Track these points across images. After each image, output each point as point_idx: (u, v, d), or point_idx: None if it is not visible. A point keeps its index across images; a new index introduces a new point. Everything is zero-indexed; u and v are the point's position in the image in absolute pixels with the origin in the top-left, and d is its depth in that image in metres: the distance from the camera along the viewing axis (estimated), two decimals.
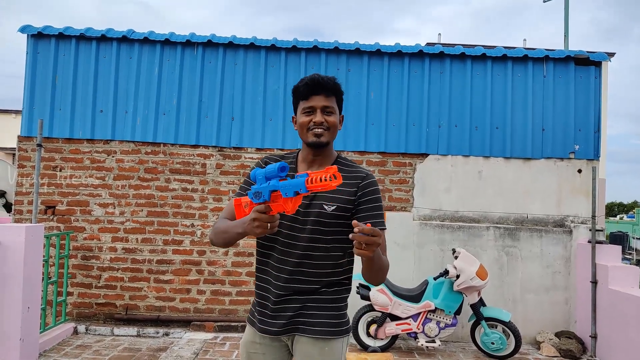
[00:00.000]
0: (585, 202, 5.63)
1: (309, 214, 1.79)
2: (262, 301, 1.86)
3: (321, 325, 1.79)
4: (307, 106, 1.81)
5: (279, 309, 1.81)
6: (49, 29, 5.60)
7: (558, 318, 5.45)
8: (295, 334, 1.81)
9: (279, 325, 1.80)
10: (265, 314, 1.83)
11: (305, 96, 1.82)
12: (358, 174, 1.85)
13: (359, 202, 1.80)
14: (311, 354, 1.79)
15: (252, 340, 1.88)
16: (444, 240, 5.50)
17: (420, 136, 5.69)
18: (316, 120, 1.79)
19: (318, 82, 1.80)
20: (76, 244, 5.54)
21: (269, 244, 1.85)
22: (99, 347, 4.78)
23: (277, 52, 5.71)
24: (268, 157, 1.98)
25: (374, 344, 4.86)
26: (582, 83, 5.75)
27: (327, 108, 1.81)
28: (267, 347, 1.85)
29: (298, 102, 1.87)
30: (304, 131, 1.83)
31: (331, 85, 1.82)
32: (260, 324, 1.84)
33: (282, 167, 1.53)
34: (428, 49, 5.70)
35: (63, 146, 5.62)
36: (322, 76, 1.82)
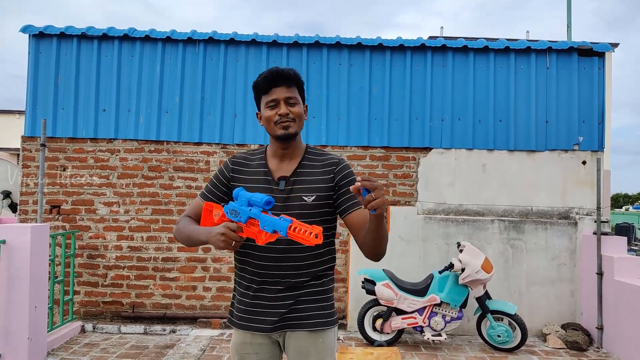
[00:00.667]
0: (590, 193, 5.61)
1: (289, 207, 1.76)
2: (248, 300, 1.81)
3: (314, 317, 1.78)
4: (270, 99, 1.78)
5: (269, 306, 1.78)
6: (50, 29, 5.60)
7: (564, 310, 5.45)
8: (288, 330, 1.79)
9: (271, 322, 1.77)
10: (254, 312, 1.79)
11: (266, 90, 1.79)
12: (331, 160, 1.85)
13: (338, 187, 1.80)
14: (306, 348, 1.78)
15: (242, 341, 1.83)
16: (449, 233, 5.49)
17: (424, 130, 5.68)
18: (281, 112, 1.76)
19: (278, 74, 1.77)
20: (82, 243, 5.56)
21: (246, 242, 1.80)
22: (106, 345, 4.80)
23: (278, 48, 5.70)
24: (236, 157, 1.94)
25: (380, 338, 4.87)
26: (585, 74, 5.72)
27: (290, 99, 1.79)
28: (259, 346, 1.82)
29: (260, 97, 1.84)
30: (270, 125, 1.80)
31: (292, 75, 1.79)
32: (249, 322, 1.80)
33: (268, 202, 1.55)
34: (430, 43, 5.68)
35: (67, 145, 5.63)
36: (281, 68, 1.80)
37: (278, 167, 1.85)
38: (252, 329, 1.80)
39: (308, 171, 1.83)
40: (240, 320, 1.82)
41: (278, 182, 1.81)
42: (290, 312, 1.78)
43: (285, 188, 1.79)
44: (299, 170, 1.83)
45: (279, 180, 1.81)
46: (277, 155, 1.85)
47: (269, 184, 1.81)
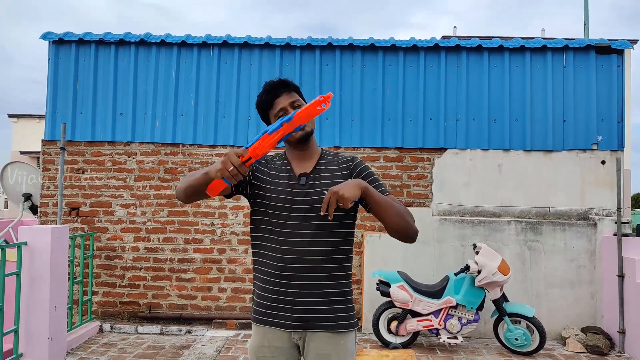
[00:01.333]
0: (610, 194, 5.50)
1: (310, 202, 1.80)
2: (269, 294, 1.81)
3: (336, 319, 1.79)
4: (277, 111, 1.84)
5: (291, 302, 1.77)
6: (69, 35, 5.73)
7: (584, 313, 5.34)
8: (309, 330, 1.79)
9: (292, 318, 1.77)
10: (275, 307, 1.79)
11: (270, 104, 1.86)
12: (346, 158, 1.93)
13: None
14: (326, 350, 1.77)
15: (260, 344, 1.82)
16: (465, 235, 5.44)
17: (438, 130, 5.64)
18: None
19: (274, 86, 1.85)
20: (100, 244, 5.66)
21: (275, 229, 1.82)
22: (124, 345, 4.87)
23: (291, 50, 5.73)
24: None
25: (395, 340, 4.84)
26: (603, 72, 5.61)
27: (295, 102, 1.85)
28: (277, 350, 1.81)
29: (266, 114, 1.90)
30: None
31: (286, 82, 1.87)
32: (269, 317, 1.80)
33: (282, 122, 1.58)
34: (444, 42, 5.65)
35: (85, 149, 5.74)
36: (274, 80, 1.89)
37: (298, 166, 1.90)
38: (272, 324, 1.79)
39: (326, 168, 1.90)
40: (260, 315, 1.82)
41: (299, 178, 1.86)
42: (313, 311, 1.77)
43: (306, 183, 1.84)
44: (318, 168, 1.89)
45: (299, 177, 1.86)
46: (296, 157, 1.91)
47: (291, 180, 1.86)
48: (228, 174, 1.50)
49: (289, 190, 1.83)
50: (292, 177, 1.86)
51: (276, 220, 1.82)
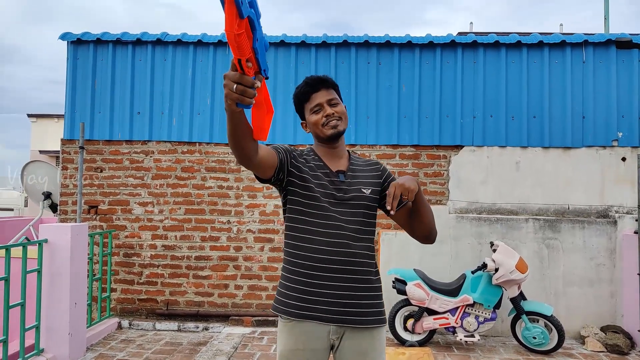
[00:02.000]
0: (631, 191, 5.41)
1: (351, 198, 1.84)
2: (308, 288, 1.76)
3: (374, 314, 1.80)
4: (313, 105, 1.86)
5: (330, 294, 1.74)
6: (87, 35, 5.79)
7: (603, 312, 5.27)
8: (348, 326, 1.76)
9: (333, 312, 1.74)
10: (316, 301, 1.75)
11: (307, 97, 1.88)
12: (372, 161, 2.02)
13: (385, 185, 1.93)
14: (364, 347, 1.77)
15: (294, 347, 1.75)
16: (482, 233, 5.39)
17: (455, 128, 5.60)
18: (327, 112, 1.85)
19: (315, 81, 1.87)
20: (118, 242, 5.73)
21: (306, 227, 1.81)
22: (142, 342, 4.93)
23: (307, 48, 5.73)
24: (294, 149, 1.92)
25: (411, 338, 4.83)
26: (624, 67, 5.51)
27: (332, 100, 1.87)
28: (311, 352, 1.75)
29: (302, 106, 1.92)
30: (319, 128, 1.86)
31: (328, 79, 1.89)
32: (307, 310, 1.74)
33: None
34: (460, 39, 5.59)
35: (103, 148, 5.81)
36: (315, 75, 1.91)
37: (331, 163, 1.92)
38: (310, 317, 1.74)
39: (359, 168, 1.95)
40: (295, 308, 1.75)
41: (338, 175, 1.88)
42: (354, 305, 1.76)
43: (346, 180, 1.87)
44: (352, 167, 1.94)
45: (337, 173, 1.89)
46: (327, 155, 1.92)
47: (329, 176, 1.87)
48: (237, 96, 1.23)
49: (329, 185, 1.84)
50: (330, 173, 1.87)
51: (319, 212, 1.80)
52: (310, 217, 1.81)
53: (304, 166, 1.85)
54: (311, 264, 1.77)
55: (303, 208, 1.82)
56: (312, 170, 1.85)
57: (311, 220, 1.80)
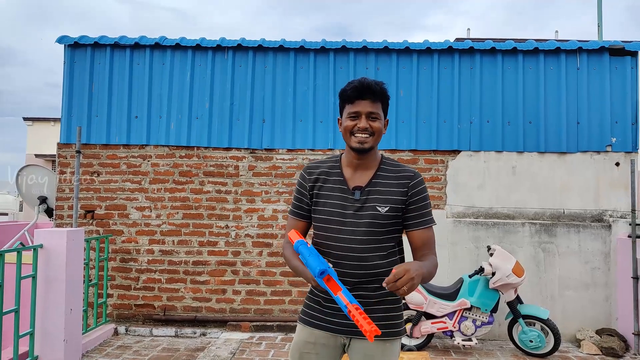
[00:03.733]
0: (625, 195, 5.49)
1: (363, 217, 1.82)
2: (319, 299, 1.87)
3: (383, 327, 1.78)
4: (352, 111, 1.82)
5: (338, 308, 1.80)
6: (84, 39, 5.77)
7: (598, 315, 5.33)
8: (356, 337, 1.81)
9: (340, 324, 1.82)
10: (324, 312, 1.85)
11: (351, 100, 1.82)
12: (406, 173, 1.88)
13: (409, 202, 1.85)
14: (371, 350, 1.80)
15: (306, 339, 1.86)
16: (479, 237, 5.44)
17: (452, 133, 5.64)
18: (361, 125, 1.80)
19: (366, 87, 1.80)
20: (115, 247, 5.68)
21: (325, 242, 1.86)
22: (138, 348, 4.89)
23: (306, 53, 5.75)
24: (310, 167, 1.98)
25: (409, 342, 4.84)
26: (617, 74, 5.60)
27: (373, 114, 1.81)
28: (321, 347, 1.84)
29: (344, 105, 1.87)
30: (347, 135, 1.85)
31: (378, 89, 1.82)
32: (318, 320, 1.86)
33: (321, 272, 1.62)
34: (457, 45, 5.66)
35: (100, 152, 5.78)
36: (370, 81, 1.82)
37: (353, 176, 1.89)
38: (317, 327, 1.84)
39: (383, 182, 1.87)
40: (308, 317, 1.88)
41: (353, 192, 1.85)
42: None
43: (360, 198, 1.83)
44: (374, 181, 1.87)
45: (354, 190, 1.85)
46: (352, 164, 1.89)
47: (345, 194, 1.86)
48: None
49: (341, 203, 1.85)
50: (346, 190, 1.86)
51: (331, 233, 1.84)
52: (324, 235, 1.86)
53: (321, 189, 1.89)
54: None
55: (318, 224, 1.90)
56: (328, 190, 1.88)
57: (325, 237, 1.86)
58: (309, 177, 1.93)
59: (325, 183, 1.90)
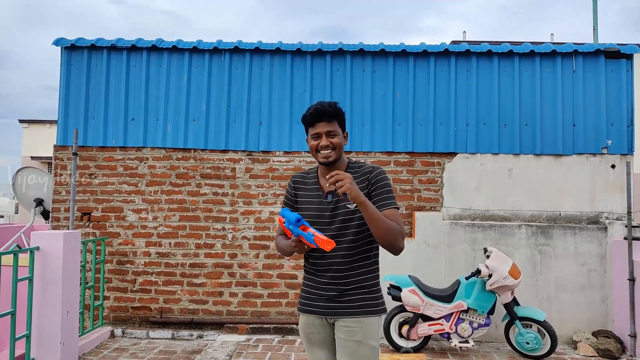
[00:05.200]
0: (620, 198, 5.51)
1: (336, 215, 2.16)
2: (306, 287, 2.27)
3: (360, 307, 2.14)
4: (314, 132, 2.18)
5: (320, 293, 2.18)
6: (81, 41, 5.77)
7: (595, 317, 5.34)
8: (337, 317, 2.15)
9: (323, 306, 2.18)
10: (310, 297, 2.23)
11: (311, 123, 2.18)
12: (366, 169, 2.21)
13: (371, 191, 2.15)
14: (352, 326, 2.12)
15: (306, 322, 2.25)
16: (475, 239, 5.45)
17: (448, 135, 5.66)
18: (322, 144, 2.15)
19: (320, 111, 2.14)
20: (111, 249, 5.68)
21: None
22: (135, 350, 4.88)
23: (302, 56, 5.76)
24: (295, 177, 2.37)
25: (406, 344, 4.85)
26: (613, 77, 5.63)
27: (331, 132, 2.16)
28: (320, 326, 2.22)
29: (307, 128, 2.22)
30: (314, 152, 2.21)
31: (332, 111, 2.16)
32: (307, 306, 2.23)
33: (297, 219, 1.95)
34: (454, 48, 5.67)
35: (97, 154, 5.77)
36: (323, 105, 2.16)
37: (326, 183, 2.14)
38: (308, 312, 2.22)
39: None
40: (302, 305, 2.27)
41: (327, 196, 2.21)
42: (339, 301, 2.15)
43: (332, 200, 2.19)
44: None
45: (327, 195, 2.21)
46: (325, 174, 2.21)
47: (320, 198, 2.23)
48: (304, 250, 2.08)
49: (318, 207, 2.21)
50: (321, 195, 2.23)
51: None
52: None
53: (301, 196, 2.29)
54: (310, 269, 2.26)
55: None
56: (308, 197, 2.26)
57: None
58: (294, 186, 2.34)
59: (305, 191, 2.28)
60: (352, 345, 2.10)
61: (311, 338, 2.24)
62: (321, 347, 2.23)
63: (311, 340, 2.25)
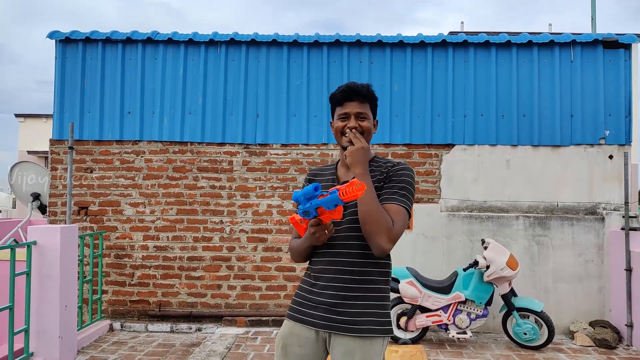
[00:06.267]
0: (618, 188, 5.51)
1: (349, 207, 1.83)
2: (302, 292, 1.94)
3: (363, 323, 1.78)
4: (342, 112, 1.92)
5: (318, 301, 1.85)
6: (76, 34, 5.71)
7: (592, 307, 5.36)
8: (334, 333, 1.80)
9: (318, 317, 1.83)
10: (305, 305, 1.89)
11: (340, 102, 1.93)
12: (388, 163, 1.94)
13: (386, 180, 1.88)
14: (351, 347, 1.77)
15: (290, 331, 1.89)
16: (473, 230, 5.45)
17: (446, 126, 5.64)
18: (350, 125, 1.89)
19: (352, 89, 1.90)
20: (109, 243, 5.67)
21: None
22: (134, 344, 4.89)
23: (299, 47, 5.72)
24: (310, 172, 2.12)
25: (404, 336, 4.86)
26: (611, 67, 5.61)
27: (361, 114, 1.91)
28: (305, 340, 1.86)
29: (335, 108, 1.97)
30: (339, 135, 1.94)
31: (365, 91, 1.91)
32: (298, 314, 1.90)
33: (315, 187, 1.64)
34: (451, 38, 5.64)
35: (93, 148, 5.74)
36: (357, 84, 1.92)
37: (346, 173, 1.98)
38: (298, 320, 1.88)
39: (370, 174, 1.88)
40: (292, 311, 1.93)
41: None
42: (338, 313, 1.80)
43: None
44: None
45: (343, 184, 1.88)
46: (345, 163, 1.96)
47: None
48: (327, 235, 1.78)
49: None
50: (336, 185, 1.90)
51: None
52: None
53: None
54: (309, 273, 1.95)
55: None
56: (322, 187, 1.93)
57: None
58: (309, 179, 2.09)
59: (322, 180, 2.01)
60: None
61: (288, 351, 1.86)
62: None
63: (287, 354, 1.87)
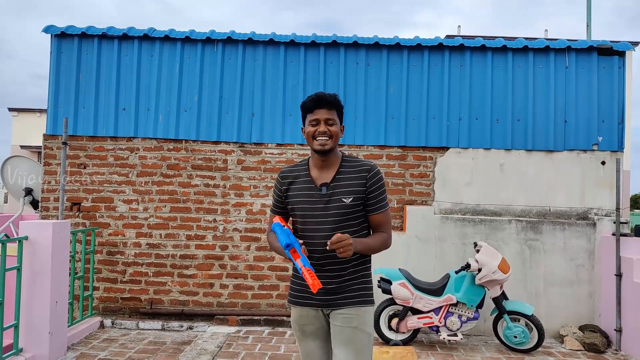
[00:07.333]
0: (610, 194, 5.55)
1: (331, 208, 2.17)
2: (300, 280, 2.23)
3: (356, 297, 2.20)
4: (312, 118, 2.18)
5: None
6: (72, 29, 5.69)
7: (582, 311, 5.40)
8: (333, 308, 2.19)
9: (319, 300, 2.20)
10: (306, 290, 2.21)
11: (311, 110, 2.19)
12: (364, 167, 2.22)
13: (368, 192, 2.19)
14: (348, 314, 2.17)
15: (299, 314, 2.27)
16: (466, 233, 5.48)
17: (441, 129, 5.66)
18: (320, 130, 2.16)
19: (322, 98, 2.17)
20: (101, 240, 5.64)
21: (304, 234, 2.22)
22: (124, 341, 4.87)
23: (296, 47, 5.72)
24: (284, 172, 2.34)
25: (395, 337, 4.87)
26: (605, 73, 5.65)
27: (330, 120, 2.17)
28: (314, 318, 2.25)
29: (305, 115, 2.23)
30: (310, 140, 2.20)
31: (333, 100, 2.18)
32: (301, 299, 2.25)
33: (287, 244, 2.08)
34: (448, 42, 5.66)
35: (87, 144, 5.72)
36: (325, 93, 2.19)
37: (319, 175, 2.24)
38: (302, 304, 2.24)
39: (345, 177, 2.20)
40: (295, 297, 2.28)
41: (320, 188, 2.21)
42: (335, 293, 2.19)
43: (327, 192, 2.19)
44: (338, 177, 2.21)
45: (321, 187, 2.21)
46: (317, 165, 2.25)
47: (312, 191, 2.22)
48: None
49: (311, 199, 2.20)
50: (314, 188, 2.22)
51: (303, 226, 2.22)
52: (302, 228, 2.23)
53: (293, 190, 2.26)
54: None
55: (296, 219, 2.28)
56: (299, 190, 2.24)
57: (303, 230, 2.23)
58: (283, 181, 2.31)
59: (296, 185, 2.26)
60: (349, 332, 2.15)
61: (305, 330, 2.26)
62: (314, 339, 2.26)
63: (305, 332, 2.27)
